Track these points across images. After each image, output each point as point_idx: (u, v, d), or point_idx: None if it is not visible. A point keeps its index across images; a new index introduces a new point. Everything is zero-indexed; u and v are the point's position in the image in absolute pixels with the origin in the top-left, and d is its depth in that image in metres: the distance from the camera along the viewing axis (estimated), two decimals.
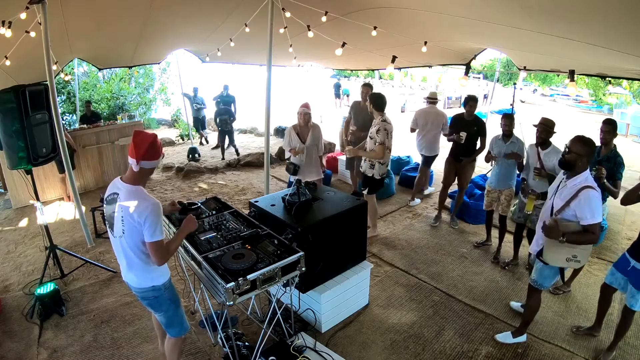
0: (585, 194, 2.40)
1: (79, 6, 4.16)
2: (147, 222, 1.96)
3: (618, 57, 3.28)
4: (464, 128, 4.55)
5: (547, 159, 3.44)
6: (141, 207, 1.97)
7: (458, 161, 4.76)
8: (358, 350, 2.90)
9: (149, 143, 2.00)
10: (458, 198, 5.03)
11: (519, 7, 2.91)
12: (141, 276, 2.15)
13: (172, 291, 2.28)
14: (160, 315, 2.30)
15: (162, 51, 7.43)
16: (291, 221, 2.80)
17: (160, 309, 2.26)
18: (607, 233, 4.81)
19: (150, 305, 2.28)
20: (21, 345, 2.95)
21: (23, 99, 3.24)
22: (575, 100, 22.38)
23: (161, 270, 2.19)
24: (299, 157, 4.35)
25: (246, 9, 4.44)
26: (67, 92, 10.02)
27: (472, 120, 4.59)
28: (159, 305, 2.24)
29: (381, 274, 3.91)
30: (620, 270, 2.73)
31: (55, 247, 3.77)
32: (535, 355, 2.87)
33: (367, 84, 5.33)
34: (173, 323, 2.31)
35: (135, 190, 2.02)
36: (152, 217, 1.96)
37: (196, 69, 11.26)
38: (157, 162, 2.10)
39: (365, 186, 4.35)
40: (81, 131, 6.28)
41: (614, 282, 2.79)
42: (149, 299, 2.22)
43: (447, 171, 4.96)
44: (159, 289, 2.19)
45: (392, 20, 4.31)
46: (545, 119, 3.52)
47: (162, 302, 2.23)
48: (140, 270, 2.14)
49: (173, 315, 2.29)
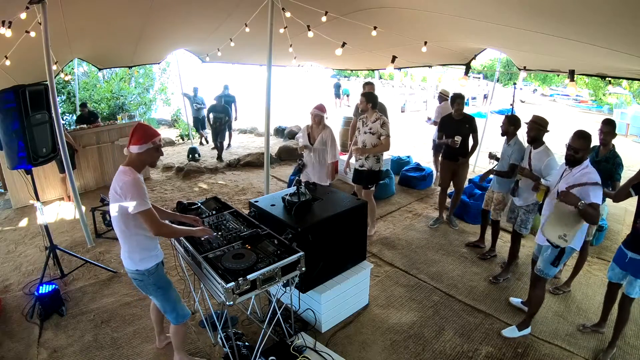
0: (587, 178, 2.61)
1: (79, 6, 4.16)
2: (128, 196, 2.09)
3: (618, 57, 3.28)
4: (455, 129, 4.50)
5: (537, 158, 3.40)
6: (122, 181, 2.11)
7: (452, 161, 4.72)
8: (358, 350, 2.90)
9: (134, 128, 2.19)
10: (454, 199, 5.00)
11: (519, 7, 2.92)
12: (127, 257, 2.29)
13: (158, 278, 2.36)
14: (153, 298, 2.45)
15: (162, 51, 7.43)
16: (291, 221, 2.80)
17: (149, 293, 2.41)
18: (607, 233, 4.81)
19: (139, 287, 2.42)
20: (21, 345, 2.95)
21: (23, 99, 3.24)
22: (575, 100, 22.39)
23: (144, 256, 2.28)
24: (306, 157, 4.36)
25: (246, 9, 4.44)
26: (67, 92, 10.02)
27: (461, 119, 4.55)
28: (146, 289, 2.39)
29: (381, 274, 3.91)
30: (619, 264, 2.76)
31: (55, 247, 3.77)
32: (535, 355, 2.87)
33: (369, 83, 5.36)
34: (165, 308, 2.44)
35: (122, 169, 2.18)
36: (132, 189, 2.09)
37: (196, 69, 11.27)
38: (145, 146, 2.19)
39: (373, 182, 4.36)
40: (81, 131, 6.28)
41: (614, 277, 2.82)
42: (136, 280, 2.36)
43: (442, 173, 4.94)
44: (143, 274, 2.30)
45: (392, 20, 4.31)
46: (537, 116, 3.47)
47: (147, 285, 2.35)
48: (127, 252, 2.28)
49: (164, 301, 2.41)
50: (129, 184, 2.09)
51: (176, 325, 2.48)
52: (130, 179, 2.11)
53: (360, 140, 4.32)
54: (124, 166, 2.20)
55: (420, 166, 6.79)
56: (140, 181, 2.15)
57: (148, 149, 2.20)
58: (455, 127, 4.52)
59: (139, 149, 2.17)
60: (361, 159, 4.34)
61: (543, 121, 3.43)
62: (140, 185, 2.13)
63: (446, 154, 4.79)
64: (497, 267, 4.05)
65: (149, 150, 2.20)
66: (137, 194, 2.09)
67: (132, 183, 2.10)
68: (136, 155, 2.19)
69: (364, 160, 4.32)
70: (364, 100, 4.29)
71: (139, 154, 2.19)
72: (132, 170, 2.17)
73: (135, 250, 2.25)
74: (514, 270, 3.96)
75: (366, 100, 4.26)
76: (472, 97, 19.58)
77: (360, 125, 4.34)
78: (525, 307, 3.29)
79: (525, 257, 4.22)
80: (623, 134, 13.25)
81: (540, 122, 3.42)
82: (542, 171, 3.34)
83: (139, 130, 2.19)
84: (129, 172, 2.15)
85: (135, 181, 2.11)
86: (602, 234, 4.69)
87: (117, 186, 2.12)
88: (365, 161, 4.32)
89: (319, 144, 4.27)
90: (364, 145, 4.27)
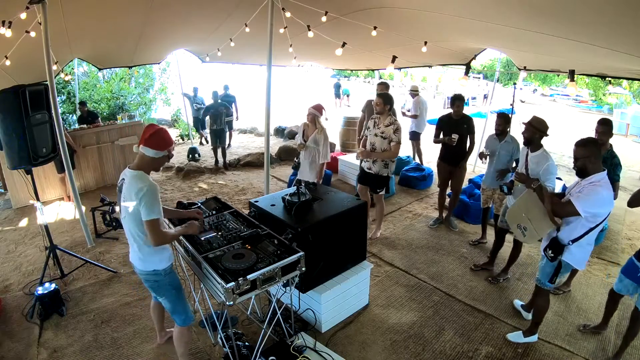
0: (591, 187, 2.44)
1: (79, 6, 4.16)
2: (142, 202, 2.07)
3: (618, 57, 3.28)
4: (453, 128, 4.48)
5: (535, 162, 3.21)
6: (137, 187, 2.09)
7: (449, 164, 4.68)
8: (358, 350, 2.90)
9: (152, 131, 2.15)
10: (452, 202, 4.98)
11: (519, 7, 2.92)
12: (143, 259, 2.26)
13: (173, 277, 2.36)
14: (164, 300, 2.40)
15: (162, 51, 7.43)
16: (291, 221, 2.80)
17: (162, 294, 2.37)
18: (607, 233, 4.80)
19: (152, 289, 2.40)
20: (21, 345, 2.95)
21: (23, 99, 3.24)
22: (575, 100, 22.39)
23: (162, 256, 2.29)
24: (302, 154, 4.36)
25: (246, 9, 4.44)
26: (67, 92, 10.01)
27: (460, 119, 4.52)
28: (160, 289, 2.35)
29: (381, 274, 3.91)
30: (629, 276, 2.67)
31: (55, 247, 3.77)
32: (535, 355, 2.87)
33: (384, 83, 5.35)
34: (177, 309, 2.40)
35: (137, 174, 2.15)
36: (147, 197, 2.08)
37: (196, 69, 11.27)
38: (158, 152, 2.18)
39: (382, 187, 4.32)
40: (81, 131, 6.27)
41: (623, 289, 2.74)
42: (150, 282, 2.33)
43: (440, 175, 4.91)
44: (159, 274, 2.29)
45: (392, 20, 4.31)
46: (537, 119, 3.22)
47: (162, 286, 2.33)
48: (142, 253, 2.25)
49: (176, 301, 2.38)
50: (146, 192, 2.08)
51: (182, 328, 2.46)
52: (148, 186, 2.09)
53: (369, 141, 4.22)
54: (136, 170, 2.16)
55: (420, 166, 6.79)
56: (157, 190, 2.15)
57: (163, 156, 2.21)
58: (454, 126, 4.51)
59: (155, 154, 2.16)
60: (369, 161, 4.27)
61: (541, 125, 3.18)
62: (157, 193, 2.14)
63: (443, 156, 4.74)
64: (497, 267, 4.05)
65: (163, 157, 2.22)
66: (150, 202, 2.09)
67: (151, 192, 2.09)
68: (150, 159, 2.18)
69: (372, 163, 4.24)
70: (380, 102, 4.10)
71: (153, 159, 2.18)
72: (146, 176, 2.16)
73: (153, 251, 2.24)
74: (514, 270, 3.96)
75: (383, 102, 4.09)
76: (472, 97, 19.58)
77: (372, 125, 4.23)
78: (524, 310, 3.30)
79: (525, 257, 4.22)
80: (623, 134, 13.25)
81: (538, 125, 3.17)
82: (541, 176, 3.12)
83: (158, 136, 2.16)
84: (145, 178, 2.14)
85: (153, 189, 2.11)
86: (603, 234, 4.69)
87: (134, 192, 2.09)
88: (372, 164, 4.24)
89: (311, 142, 4.26)
90: (373, 148, 4.17)
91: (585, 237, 2.55)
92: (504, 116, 4.00)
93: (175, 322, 2.46)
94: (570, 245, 2.60)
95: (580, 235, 2.55)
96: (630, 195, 2.73)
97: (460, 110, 4.53)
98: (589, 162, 2.47)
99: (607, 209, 2.46)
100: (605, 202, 2.43)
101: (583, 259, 2.68)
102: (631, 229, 5.16)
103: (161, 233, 2.16)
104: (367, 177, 4.35)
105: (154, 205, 2.10)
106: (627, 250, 4.59)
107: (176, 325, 2.48)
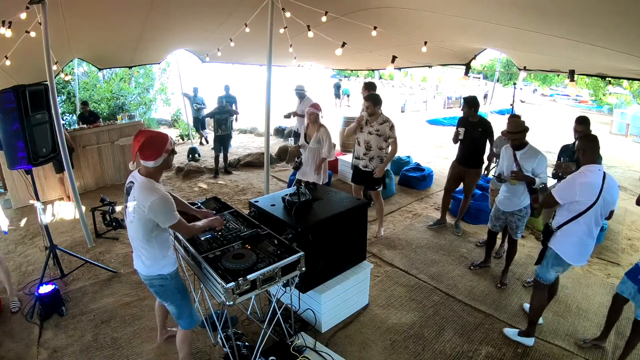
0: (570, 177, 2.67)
1: (79, 6, 4.16)
2: (157, 214, 2.07)
3: (618, 57, 3.28)
4: (469, 131, 4.39)
5: (525, 159, 3.33)
6: (149, 200, 2.04)
7: (463, 165, 4.57)
8: (358, 350, 2.90)
9: (140, 143, 2.06)
10: (463, 204, 4.85)
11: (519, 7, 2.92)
12: (148, 264, 2.24)
13: (178, 281, 2.35)
14: (169, 304, 2.38)
15: (162, 51, 7.43)
16: (291, 221, 2.80)
17: (168, 298, 2.35)
18: (607, 233, 4.80)
19: (157, 294, 2.38)
20: (21, 345, 2.95)
21: (23, 99, 3.24)
22: (575, 100, 22.41)
23: (167, 261, 2.27)
24: (303, 155, 4.36)
25: (246, 9, 4.44)
26: (67, 92, 10.02)
27: (476, 122, 4.39)
28: (165, 294, 2.34)
29: (381, 274, 3.91)
30: (632, 279, 2.68)
31: (55, 247, 3.77)
32: (535, 355, 2.87)
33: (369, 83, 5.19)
34: (182, 313, 2.38)
35: (147, 183, 2.11)
36: (160, 208, 2.06)
37: (196, 69, 11.25)
38: (160, 159, 2.13)
39: (379, 183, 4.34)
40: (81, 131, 6.27)
41: (625, 290, 2.73)
42: (155, 287, 2.31)
43: (450, 176, 4.77)
44: (165, 278, 2.27)
45: (392, 20, 4.31)
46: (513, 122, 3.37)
47: (168, 290, 2.31)
48: (147, 259, 2.23)
49: (181, 305, 2.37)
50: (158, 204, 2.04)
51: (185, 331, 2.44)
52: (158, 197, 2.04)
53: (362, 139, 4.21)
54: (144, 177, 2.11)
55: (420, 166, 6.78)
56: (167, 197, 2.10)
57: (164, 159, 2.15)
58: (470, 129, 4.39)
59: (154, 163, 2.11)
60: (365, 159, 4.26)
61: (520, 125, 3.34)
62: (168, 200, 2.09)
63: (459, 158, 4.63)
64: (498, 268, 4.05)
65: (165, 159, 2.16)
66: (166, 210, 2.07)
67: (162, 202, 2.05)
68: (153, 169, 2.13)
69: (368, 161, 4.23)
70: (371, 104, 4.10)
71: (155, 167, 2.14)
72: (155, 185, 2.11)
73: (158, 255, 2.22)
74: (514, 270, 3.96)
75: (373, 104, 4.09)
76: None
77: (364, 124, 4.23)
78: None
79: (525, 257, 4.22)
80: (623, 134, 13.25)
81: (518, 128, 3.32)
82: (535, 170, 3.27)
83: (148, 146, 2.07)
84: (154, 187, 2.08)
85: (164, 198, 2.07)
86: (603, 233, 4.68)
87: (143, 204, 2.04)
88: (369, 162, 4.23)
89: (314, 142, 4.27)
90: (369, 146, 4.18)
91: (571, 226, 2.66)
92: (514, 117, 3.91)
93: (180, 325, 2.43)
94: (556, 232, 2.74)
95: (564, 222, 2.68)
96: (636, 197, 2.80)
97: (471, 113, 4.39)
98: (581, 154, 2.68)
99: (585, 197, 2.57)
100: (579, 189, 2.57)
101: (572, 251, 2.71)
102: (631, 229, 5.16)
103: (188, 228, 2.22)
104: (363, 175, 4.35)
105: (169, 211, 2.09)
106: (627, 250, 4.59)
107: (180, 329, 2.45)
